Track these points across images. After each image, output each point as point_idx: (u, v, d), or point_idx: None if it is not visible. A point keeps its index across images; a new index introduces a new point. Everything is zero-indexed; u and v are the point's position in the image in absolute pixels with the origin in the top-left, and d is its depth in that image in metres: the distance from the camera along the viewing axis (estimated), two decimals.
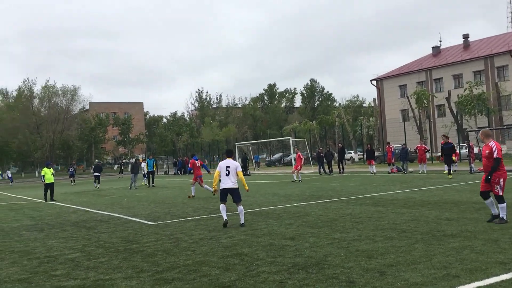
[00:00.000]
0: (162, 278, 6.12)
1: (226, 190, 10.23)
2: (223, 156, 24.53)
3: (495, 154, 8.50)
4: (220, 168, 10.31)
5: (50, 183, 20.55)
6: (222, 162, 10.51)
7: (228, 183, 10.16)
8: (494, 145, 8.60)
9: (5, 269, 7.23)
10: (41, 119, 75.78)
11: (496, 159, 8.47)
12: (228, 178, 10.18)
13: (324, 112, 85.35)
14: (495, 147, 8.56)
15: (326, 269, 6.08)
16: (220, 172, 10.26)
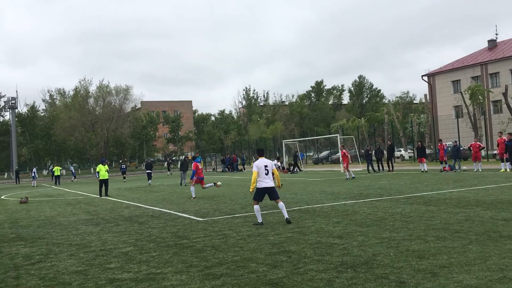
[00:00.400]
0: (211, 274, 6.24)
1: (265, 190, 10.19)
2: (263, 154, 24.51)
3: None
4: (258, 167, 10.21)
5: (105, 179, 21.37)
6: (258, 162, 10.32)
7: (269, 182, 10.18)
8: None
9: (63, 261, 7.60)
10: (96, 118, 78.80)
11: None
12: (268, 177, 10.19)
13: (373, 109, 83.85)
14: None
15: (375, 268, 5.99)
16: (259, 172, 10.18)
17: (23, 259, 7.99)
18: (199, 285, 5.73)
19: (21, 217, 14.60)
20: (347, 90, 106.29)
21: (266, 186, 10.13)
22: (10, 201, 22.33)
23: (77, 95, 79.78)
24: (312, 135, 71.01)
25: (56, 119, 79.17)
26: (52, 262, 7.60)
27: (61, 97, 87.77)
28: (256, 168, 10.25)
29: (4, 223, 13.42)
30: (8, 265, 7.58)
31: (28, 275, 6.81)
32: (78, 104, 78.19)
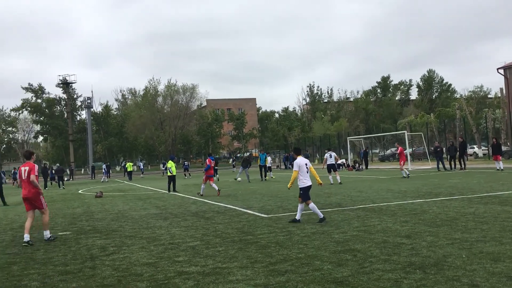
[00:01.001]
0: (276, 270, 6.29)
1: (310, 188, 10.25)
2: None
3: None
4: (300, 166, 10.16)
5: (173, 175, 22.16)
6: (300, 160, 10.24)
7: (310, 180, 10.24)
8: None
9: (135, 253, 7.97)
10: (164, 116, 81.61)
11: None
12: (308, 176, 10.21)
13: (443, 104, 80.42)
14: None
15: (445, 270, 5.77)
16: (300, 170, 10.15)
17: (99, 250, 8.47)
18: (264, 281, 5.79)
19: (96, 211, 15.46)
20: (415, 85, 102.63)
21: (310, 184, 10.22)
22: (86, 196, 23.71)
23: (147, 94, 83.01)
24: (378, 131, 69.30)
25: (127, 118, 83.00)
26: (125, 254, 7.99)
27: (132, 96, 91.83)
28: (298, 166, 10.21)
29: (81, 216, 14.27)
30: (85, 255, 8.07)
31: (103, 265, 7.21)
32: (147, 103, 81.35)
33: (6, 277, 6.81)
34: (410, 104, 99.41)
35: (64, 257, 8.03)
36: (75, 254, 8.24)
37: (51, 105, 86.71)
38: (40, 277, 6.71)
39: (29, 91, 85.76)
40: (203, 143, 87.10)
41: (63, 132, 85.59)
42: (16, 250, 8.94)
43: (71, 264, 7.44)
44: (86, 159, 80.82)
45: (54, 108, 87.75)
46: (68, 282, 6.35)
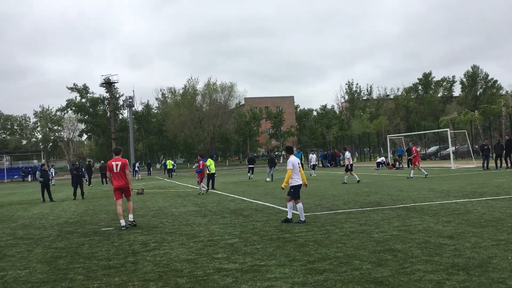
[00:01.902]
0: (314, 268, 6.26)
1: (300, 187, 10.41)
2: (375, 148, 23.86)
3: None
4: (294, 165, 10.30)
5: (212, 173, 22.40)
6: (293, 159, 10.38)
7: (301, 179, 10.34)
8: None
9: (175, 250, 8.12)
10: (203, 114, 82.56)
11: None
12: (300, 175, 10.33)
13: (488, 101, 77.66)
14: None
15: (490, 272, 5.59)
16: (293, 169, 10.28)
17: (140, 246, 8.68)
18: (302, 279, 5.78)
19: (138, 207, 15.83)
20: (459, 82, 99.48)
21: (301, 183, 10.39)
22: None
23: (186, 93, 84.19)
24: (419, 129, 67.64)
25: (167, 116, 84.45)
26: (165, 250, 8.16)
27: (171, 95, 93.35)
28: (292, 165, 10.34)
29: (124, 212, 14.63)
30: (127, 251, 8.29)
31: (144, 261, 7.39)
32: (187, 101, 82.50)
33: (53, 271, 7.08)
34: (453, 101, 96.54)
35: (107, 252, 8.28)
36: (118, 249, 8.48)
37: (94, 104, 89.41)
38: (84, 271, 6.95)
39: (74, 91, 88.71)
40: (241, 141, 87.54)
41: (106, 131, 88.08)
42: (62, 245, 9.29)
43: (114, 259, 7.66)
44: (128, 157, 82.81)
45: (97, 107, 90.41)
46: (111, 276, 6.54)
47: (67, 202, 20.06)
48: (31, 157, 78.08)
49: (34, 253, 8.56)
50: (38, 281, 6.53)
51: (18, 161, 75.76)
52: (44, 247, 9.11)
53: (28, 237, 10.50)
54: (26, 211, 17.00)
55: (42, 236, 10.61)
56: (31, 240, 10.06)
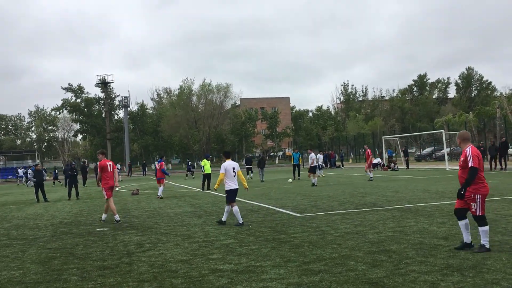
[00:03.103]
0: (309, 269, 6.27)
1: (236, 191, 10.53)
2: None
3: (471, 163, 6.70)
4: (227, 170, 10.46)
5: (208, 174, 22.36)
6: (226, 164, 10.54)
7: (236, 184, 10.47)
8: (470, 151, 6.84)
9: (170, 250, 8.10)
10: (199, 115, 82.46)
11: (472, 168, 6.68)
12: (235, 179, 10.45)
13: (483, 103, 77.98)
14: (470, 153, 6.80)
15: (484, 273, 5.61)
16: (227, 173, 10.44)
17: (135, 246, 8.66)
18: (297, 280, 5.79)
19: (133, 208, 15.80)
20: (453, 83, 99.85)
21: (236, 187, 10.49)
22: (123, 193, 24.25)
23: (182, 94, 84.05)
24: (414, 130, 67.86)
25: (163, 117, 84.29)
26: (160, 250, 8.14)
27: (167, 95, 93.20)
28: (224, 170, 10.51)
29: (118, 213, 14.58)
30: (122, 251, 8.27)
31: (139, 261, 7.37)
32: (182, 102, 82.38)
33: (47, 271, 7.05)
34: (448, 102, 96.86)
35: (102, 252, 8.25)
36: (113, 250, 8.45)
37: (89, 105, 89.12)
38: (79, 271, 6.92)
39: (69, 91, 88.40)
40: (237, 142, 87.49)
41: (101, 131, 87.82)
42: (56, 245, 9.25)
43: (108, 259, 7.64)
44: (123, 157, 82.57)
45: (92, 108, 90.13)
46: (105, 277, 6.52)
47: (62, 202, 19.98)
48: (26, 157, 77.70)
49: (28, 254, 8.52)
50: (32, 281, 6.50)
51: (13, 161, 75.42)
52: (38, 248, 9.07)
53: (22, 238, 10.45)
54: (20, 211, 16.93)
55: (36, 236, 10.56)
56: (25, 241, 10.01)
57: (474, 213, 6.77)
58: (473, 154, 6.78)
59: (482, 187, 6.78)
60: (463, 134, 7.24)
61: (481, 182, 6.78)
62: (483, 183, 6.81)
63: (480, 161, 6.79)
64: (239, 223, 10.41)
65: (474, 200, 6.74)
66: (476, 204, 6.74)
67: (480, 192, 6.74)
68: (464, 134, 7.24)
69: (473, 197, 6.73)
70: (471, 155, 6.77)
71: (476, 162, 6.71)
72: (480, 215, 6.75)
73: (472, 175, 6.68)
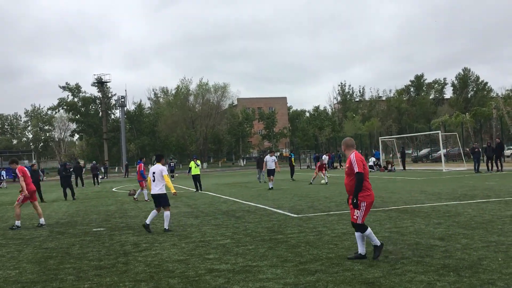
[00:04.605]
0: (306, 269, 6.27)
1: (153, 196, 10.34)
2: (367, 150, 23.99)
3: (356, 168, 6.50)
4: (154, 173, 10.32)
5: (196, 174, 22.46)
6: (152, 168, 10.43)
7: (154, 189, 10.23)
8: (354, 157, 6.62)
9: (167, 250, 8.10)
10: (196, 115, 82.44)
11: (358, 174, 6.48)
12: (154, 184, 10.24)
13: (479, 104, 78.29)
14: (354, 159, 6.58)
15: (480, 273, 5.63)
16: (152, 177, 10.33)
17: (132, 246, 8.64)
18: (294, 280, 5.79)
19: (129, 208, 15.78)
20: (450, 84, 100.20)
21: (153, 193, 10.30)
22: (120, 193, 24.21)
23: (179, 93, 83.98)
24: (411, 131, 68.02)
25: (160, 116, 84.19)
26: (156, 250, 8.13)
27: (164, 95, 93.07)
28: (151, 173, 10.40)
29: (115, 213, 14.59)
30: (119, 251, 8.25)
31: (135, 261, 7.36)
32: (179, 101, 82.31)
33: (43, 271, 7.03)
34: (444, 103, 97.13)
35: (98, 252, 8.24)
36: (109, 250, 8.44)
37: (86, 104, 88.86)
38: (75, 271, 6.91)
39: (66, 90, 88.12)
40: (234, 142, 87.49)
41: (98, 131, 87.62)
42: (52, 245, 9.23)
43: (105, 259, 7.62)
44: (119, 157, 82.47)
45: (89, 107, 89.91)
46: (102, 276, 6.51)
47: (58, 202, 19.93)
48: (22, 157, 77.45)
49: (24, 253, 8.49)
50: (28, 281, 6.49)
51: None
52: (34, 247, 9.05)
53: (18, 237, 10.42)
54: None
55: (32, 236, 10.53)
56: (21, 240, 9.98)
57: (355, 221, 6.57)
58: (357, 159, 6.58)
59: (368, 195, 6.58)
60: (347, 141, 7.01)
61: (367, 190, 6.58)
62: (369, 191, 6.60)
63: (365, 166, 6.59)
64: (147, 223, 10.14)
65: (359, 207, 6.53)
66: (359, 212, 6.52)
67: (365, 199, 6.54)
68: (348, 141, 7.01)
69: (358, 204, 6.54)
70: (355, 161, 6.56)
71: (360, 167, 6.51)
72: (360, 223, 6.56)
73: (359, 180, 6.48)
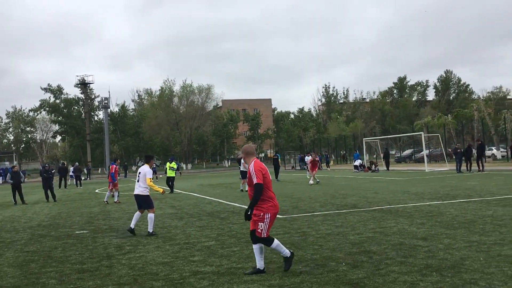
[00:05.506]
0: (290, 271, 6.27)
1: (134, 197, 10.25)
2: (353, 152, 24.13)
3: (255, 179, 6.02)
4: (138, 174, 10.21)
5: (170, 176, 22.73)
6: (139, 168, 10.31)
7: (136, 189, 10.16)
8: (252, 167, 6.12)
9: (151, 253, 8.03)
10: (180, 116, 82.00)
11: (257, 185, 6.00)
12: (137, 185, 10.17)
13: (461, 105, 79.42)
14: (253, 169, 6.09)
15: (463, 273, 5.70)
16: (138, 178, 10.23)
17: (115, 249, 8.55)
18: (279, 282, 5.79)
19: (113, 210, 15.62)
20: (432, 86, 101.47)
21: (134, 193, 10.23)
22: (103, 195, 23.94)
23: (163, 95, 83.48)
24: (395, 132, 68.68)
25: (144, 118, 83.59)
26: (140, 253, 8.06)
27: (148, 96, 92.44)
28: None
29: (98, 215, 14.44)
30: (102, 254, 8.16)
31: (119, 264, 7.28)
32: (163, 103, 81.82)
33: (25, 275, 6.92)
34: (427, 105, 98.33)
35: (81, 255, 8.14)
36: (92, 253, 8.34)
37: (69, 105, 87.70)
38: (57, 275, 6.81)
39: (48, 91, 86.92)
40: (219, 143, 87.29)
41: (81, 132, 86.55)
42: (34, 248, 9.08)
43: (88, 262, 7.53)
44: (103, 159, 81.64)
45: (72, 108, 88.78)
46: (85, 280, 6.43)
47: (40, 204, 19.65)
48: (3, 159, 76.20)
49: (5, 257, 8.35)
50: (9, 285, 6.37)
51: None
52: (15, 251, 8.90)
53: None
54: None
55: (13, 239, 10.36)
56: (2, 244, 9.81)
57: (259, 235, 6.11)
58: (255, 169, 6.08)
59: (272, 206, 6.13)
60: (246, 148, 6.57)
61: (271, 201, 6.14)
62: (273, 201, 6.17)
63: (265, 176, 6.11)
64: (131, 228, 9.96)
65: (263, 220, 6.09)
66: (263, 225, 6.09)
67: (269, 211, 6.10)
68: (247, 148, 6.57)
69: (262, 217, 6.08)
70: (254, 171, 6.06)
71: (260, 177, 6.02)
72: (265, 237, 6.12)
73: (257, 192, 5.99)
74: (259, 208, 6.08)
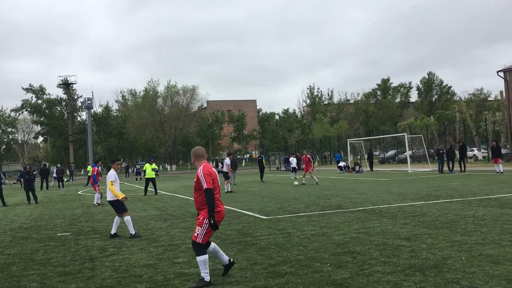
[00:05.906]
0: (275, 272, 6.28)
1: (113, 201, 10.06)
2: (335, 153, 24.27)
3: (204, 184, 5.79)
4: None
5: (151, 177, 22.45)
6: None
7: (108, 195, 10.06)
8: (201, 171, 5.87)
9: (134, 255, 7.96)
10: (165, 117, 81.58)
11: (207, 190, 5.76)
12: (107, 190, 10.03)
13: (443, 107, 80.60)
14: (201, 174, 5.85)
15: (445, 272, 5.77)
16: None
17: (98, 251, 8.46)
18: (264, 283, 5.79)
19: (96, 212, 15.45)
20: (415, 88, 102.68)
21: (107, 199, 10.10)
22: (86, 196, 23.68)
23: (147, 95, 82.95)
24: (378, 133, 69.30)
25: (128, 119, 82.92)
26: (124, 255, 7.98)
27: (132, 97, 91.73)
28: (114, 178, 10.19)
29: (81, 217, 14.27)
30: (85, 256, 8.06)
31: (102, 266, 7.20)
32: (147, 104, 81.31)
33: (5, 278, 6.80)
34: (410, 106, 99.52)
35: (63, 258, 8.03)
36: (75, 255, 8.23)
37: (51, 106, 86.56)
38: (39, 278, 6.71)
39: (30, 91, 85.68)
40: (203, 144, 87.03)
41: (63, 133, 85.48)
42: (15, 251, 8.94)
43: (70, 265, 7.43)
44: (86, 160, 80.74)
45: (54, 109, 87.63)
46: (67, 283, 6.34)
47: (21, 206, 19.34)
48: None
49: None
50: None
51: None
52: None
53: None
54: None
55: None
56: None
57: (195, 239, 5.84)
58: (204, 174, 5.83)
59: (217, 212, 5.86)
60: (195, 150, 6.29)
61: (217, 206, 5.88)
62: (218, 207, 5.92)
63: (214, 180, 5.89)
64: (131, 234, 9.81)
65: (201, 224, 5.83)
66: (201, 229, 5.81)
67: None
68: (196, 150, 6.29)
69: (201, 221, 5.83)
70: (203, 176, 5.82)
71: (209, 182, 5.79)
72: (201, 242, 5.83)
73: (210, 197, 5.75)
74: (202, 212, 5.89)
